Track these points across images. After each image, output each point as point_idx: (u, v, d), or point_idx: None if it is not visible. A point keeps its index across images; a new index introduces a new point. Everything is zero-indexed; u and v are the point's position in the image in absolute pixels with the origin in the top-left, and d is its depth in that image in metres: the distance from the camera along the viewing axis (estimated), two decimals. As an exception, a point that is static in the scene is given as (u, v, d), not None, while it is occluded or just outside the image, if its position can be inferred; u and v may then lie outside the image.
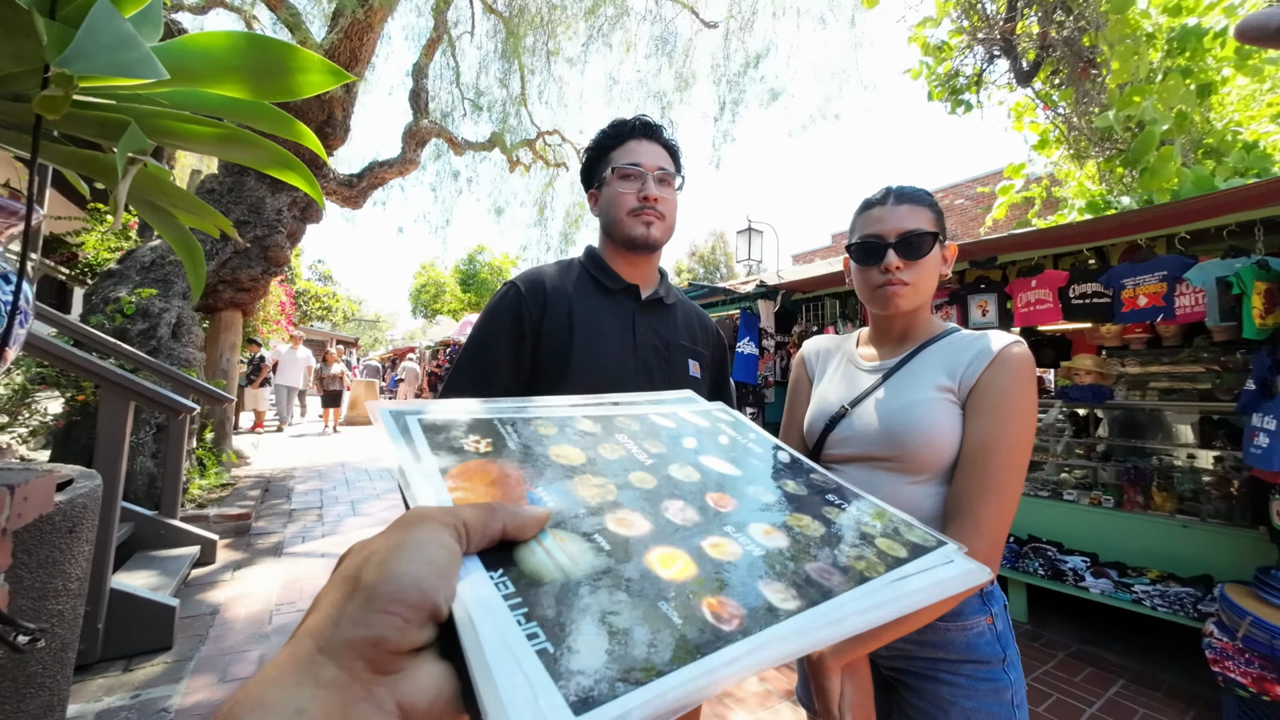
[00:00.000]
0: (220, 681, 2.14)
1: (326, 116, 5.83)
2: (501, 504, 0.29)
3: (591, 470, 0.38)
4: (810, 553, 0.35)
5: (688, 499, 0.38)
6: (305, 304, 13.52)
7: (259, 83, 0.90)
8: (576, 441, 0.42)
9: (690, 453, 0.45)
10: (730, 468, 0.45)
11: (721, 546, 0.34)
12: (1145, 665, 2.60)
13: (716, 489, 0.40)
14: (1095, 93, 3.61)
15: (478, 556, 0.27)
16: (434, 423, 0.39)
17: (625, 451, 0.42)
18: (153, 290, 4.14)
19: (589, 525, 0.33)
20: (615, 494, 0.36)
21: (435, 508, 0.27)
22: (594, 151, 1.07)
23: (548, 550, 0.29)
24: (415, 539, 0.24)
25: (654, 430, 0.47)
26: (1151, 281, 2.69)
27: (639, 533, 0.33)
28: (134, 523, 3.02)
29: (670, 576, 0.30)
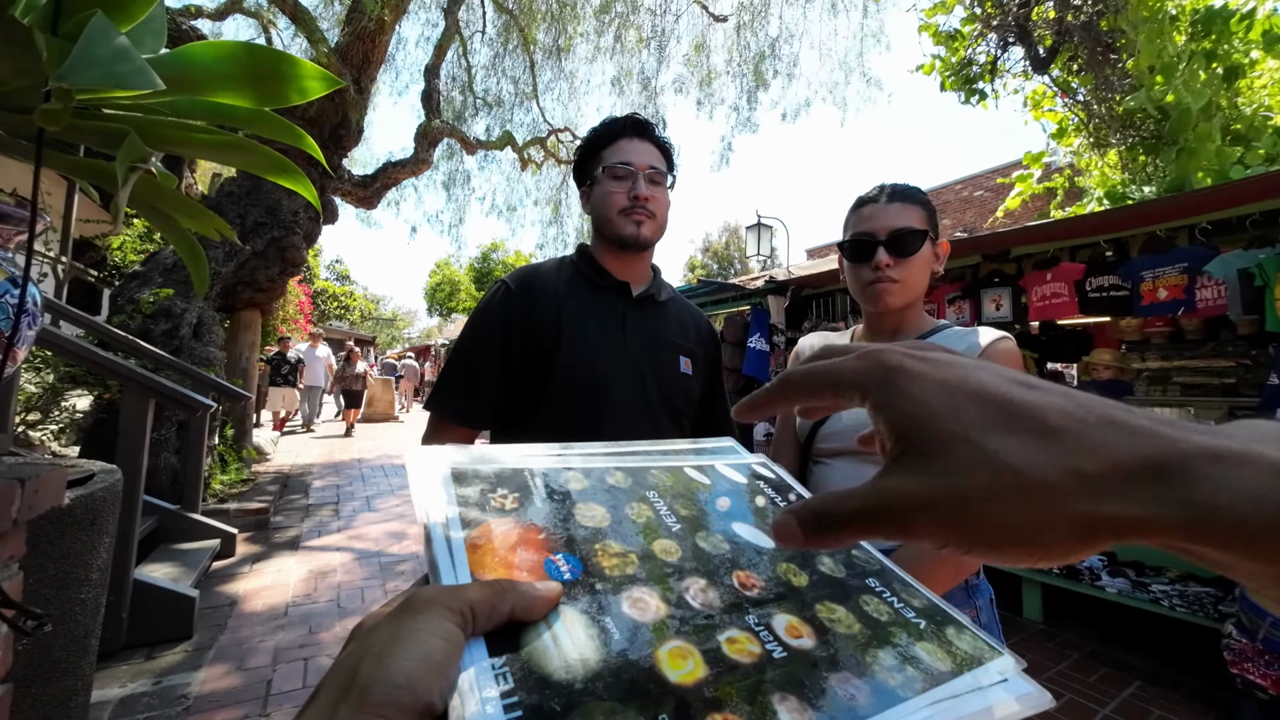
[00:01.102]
0: (237, 670, 2.22)
1: (341, 119, 5.93)
2: (512, 583, 0.28)
3: (615, 535, 0.36)
4: (838, 660, 0.31)
5: (712, 576, 0.35)
6: (323, 303, 13.79)
7: (256, 90, 0.93)
8: (604, 499, 0.39)
9: (722, 517, 0.42)
10: (763, 538, 0.40)
11: (740, 644, 0.30)
12: (1163, 666, 2.54)
13: (746, 565, 0.37)
14: (1116, 78, 3.50)
15: (484, 640, 0.26)
16: (463, 473, 0.38)
17: (653, 513, 0.39)
18: (171, 291, 4.25)
19: (602, 606, 0.30)
20: (635, 565, 0.34)
21: (442, 589, 0.27)
22: (585, 149, 1.07)
23: (555, 636, 0.28)
24: (414, 630, 0.24)
25: (687, 488, 0.44)
26: (1172, 274, 2.62)
27: (652, 617, 0.30)
28: (157, 516, 3.13)
29: (678, 680, 0.27)
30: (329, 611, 2.80)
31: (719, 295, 5.30)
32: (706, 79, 9.16)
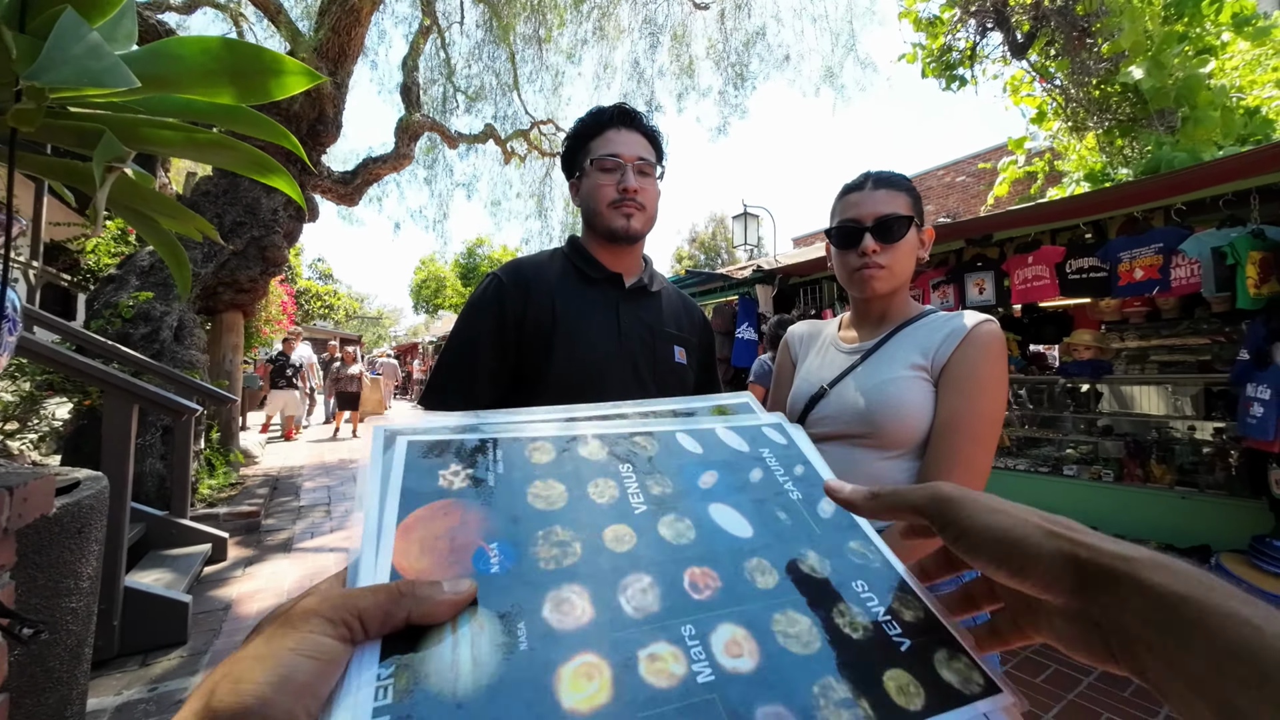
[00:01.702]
0: (235, 673, 2.20)
1: (318, 115, 5.81)
2: (411, 585, 0.26)
3: (568, 519, 0.32)
4: (775, 689, 0.26)
5: (659, 574, 0.30)
6: (307, 303, 13.58)
7: (235, 86, 0.91)
8: (568, 474, 0.35)
9: (701, 496, 0.36)
10: (742, 524, 0.35)
11: (662, 662, 0.26)
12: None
13: (704, 560, 0.31)
14: (1092, 62, 3.55)
15: (382, 644, 0.24)
16: (422, 444, 0.35)
17: (618, 492, 0.34)
18: (150, 294, 4.17)
19: (522, 607, 0.27)
20: (577, 557, 0.30)
21: (324, 599, 0.25)
22: (573, 141, 1.07)
23: (456, 643, 0.25)
24: (278, 649, 0.22)
25: (671, 457, 0.39)
26: (1148, 254, 2.67)
27: (572, 624, 0.26)
28: (145, 523, 3.08)
29: (572, 705, 0.24)
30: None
31: (707, 285, 5.31)
32: (688, 68, 9.10)
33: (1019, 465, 3.48)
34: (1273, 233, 2.19)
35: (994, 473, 3.51)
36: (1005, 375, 0.86)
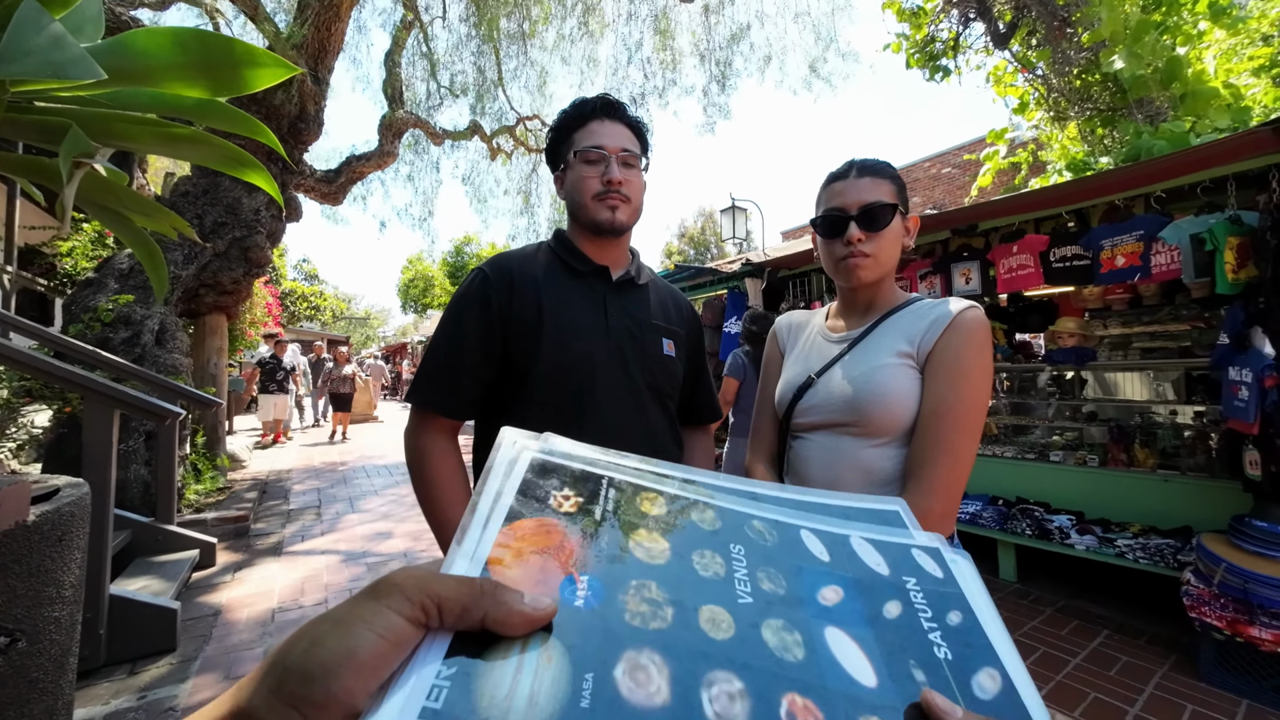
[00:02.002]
0: (225, 679, 2.18)
1: (299, 112, 5.71)
2: (494, 585, 0.25)
3: (662, 579, 0.29)
4: None
5: (753, 684, 0.25)
6: (292, 304, 13.40)
7: (208, 79, 0.89)
8: (675, 534, 0.32)
9: (818, 612, 0.30)
10: (864, 666, 0.28)
11: None
12: (1129, 616, 2.68)
13: (810, 691, 0.26)
14: (1072, 52, 3.59)
15: (451, 640, 0.23)
16: (544, 464, 0.34)
17: (724, 571, 0.31)
18: (130, 297, 4.08)
19: (595, 656, 0.24)
20: (665, 624, 0.27)
21: (410, 574, 0.24)
22: (556, 132, 1.05)
23: (519, 667, 0.23)
24: (355, 619, 0.22)
25: (789, 554, 0.33)
26: (1129, 241, 2.70)
27: (643, 700, 0.23)
28: (131, 530, 3.04)
29: None
30: (317, 614, 2.77)
31: (696, 280, 5.31)
32: (673, 62, 9.07)
33: (1006, 453, 3.53)
34: (1249, 218, 2.22)
35: (983, 460, 3.56)
36: (990, 362, 0.87)
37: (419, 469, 0.93)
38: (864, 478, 0.90)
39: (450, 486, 0.92)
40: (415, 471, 0.93)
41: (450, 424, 0.96)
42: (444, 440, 0.94)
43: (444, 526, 0.91)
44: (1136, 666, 2.25)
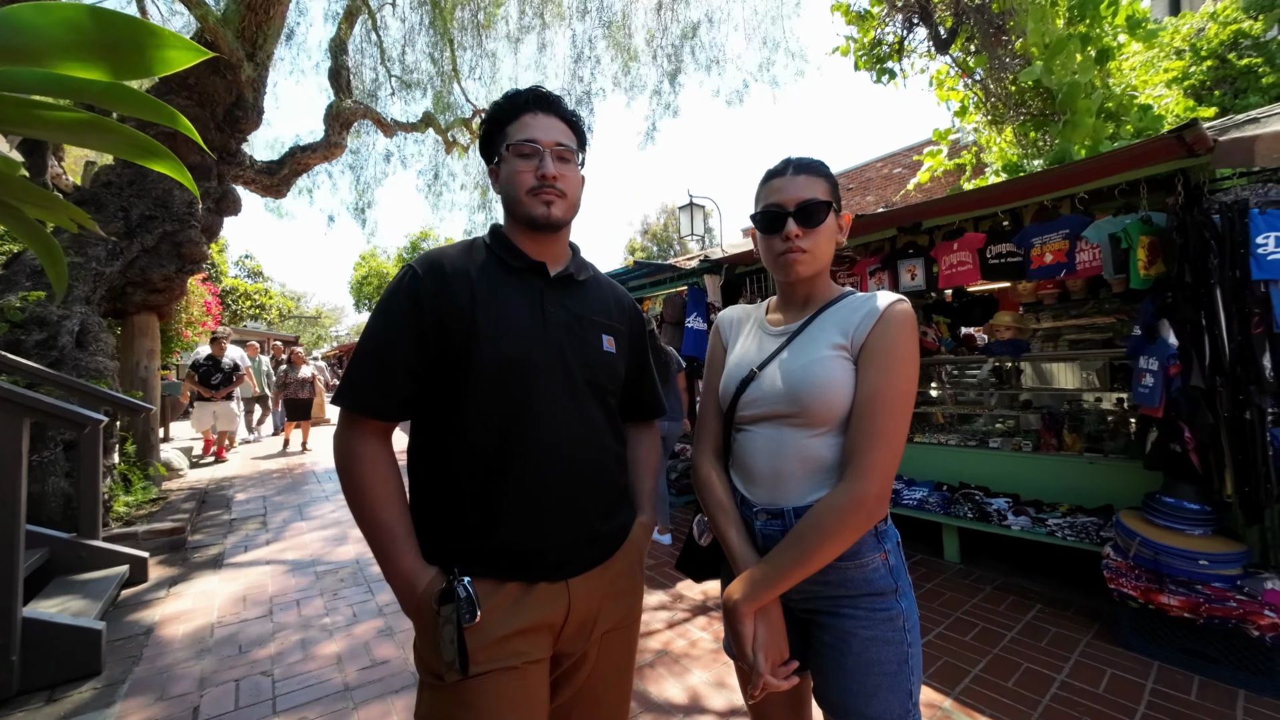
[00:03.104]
0: (157, 701, 2.05)
1: (235, 99, 5.40)
2: None
3: None
4: None
5: None
6: (234, 303, 12.67)
7: (108, 61, 0.83)
8: None
9: None
10: None
11: None
12: (1059, 590, 2.87)
13: None
14: (1006, 59, 3.79)
15: None
16: None
17: None
18: (42, 294, 3.77)
19: None
20: None
21: None
22: (489, 124, 1.03)
23: None
24: None
25: None
26: (1056, 239, 2.88)
27: None
28: (49, 547, 2.81)
29: None
30: (261, 627, 2.64)
31: (657, 276, 5.33)
32: (631, 57, 9.04)
33: (950, 440, 3.70)
34: (1159, 219, 2.40)
35: (929, 448, 3.73)
36: (917, 351, 0.92)
37: (349, 473, 0.89)
38: (806, 466, 0.93)
39: (382, 491, 0.89)
40: (345, 476, 0.90)
41: (382, 426, 0.93)
42: (375, 443, 0.91)
43: (377, 532, 0.88)
44: (1064, 636, 2.41)
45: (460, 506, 0.90)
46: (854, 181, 12.21)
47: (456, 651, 0.82)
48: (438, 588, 0.85)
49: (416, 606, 0.86)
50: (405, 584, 0.86)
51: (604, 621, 0.98)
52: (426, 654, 0.87)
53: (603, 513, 0.98)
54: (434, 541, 0.91)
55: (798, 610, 0.99)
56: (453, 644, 0.82)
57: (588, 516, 0.95)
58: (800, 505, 0.92)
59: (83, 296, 4.15)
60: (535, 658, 0.89)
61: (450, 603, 0.83)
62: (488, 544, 0.89)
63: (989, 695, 2.01)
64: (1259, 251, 2.07)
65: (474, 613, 0.83)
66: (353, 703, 2.00)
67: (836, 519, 0.85)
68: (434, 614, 0.84)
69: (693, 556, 1.14)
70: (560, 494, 0.92)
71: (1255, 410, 2.06)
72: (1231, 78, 5.38)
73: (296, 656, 2.36)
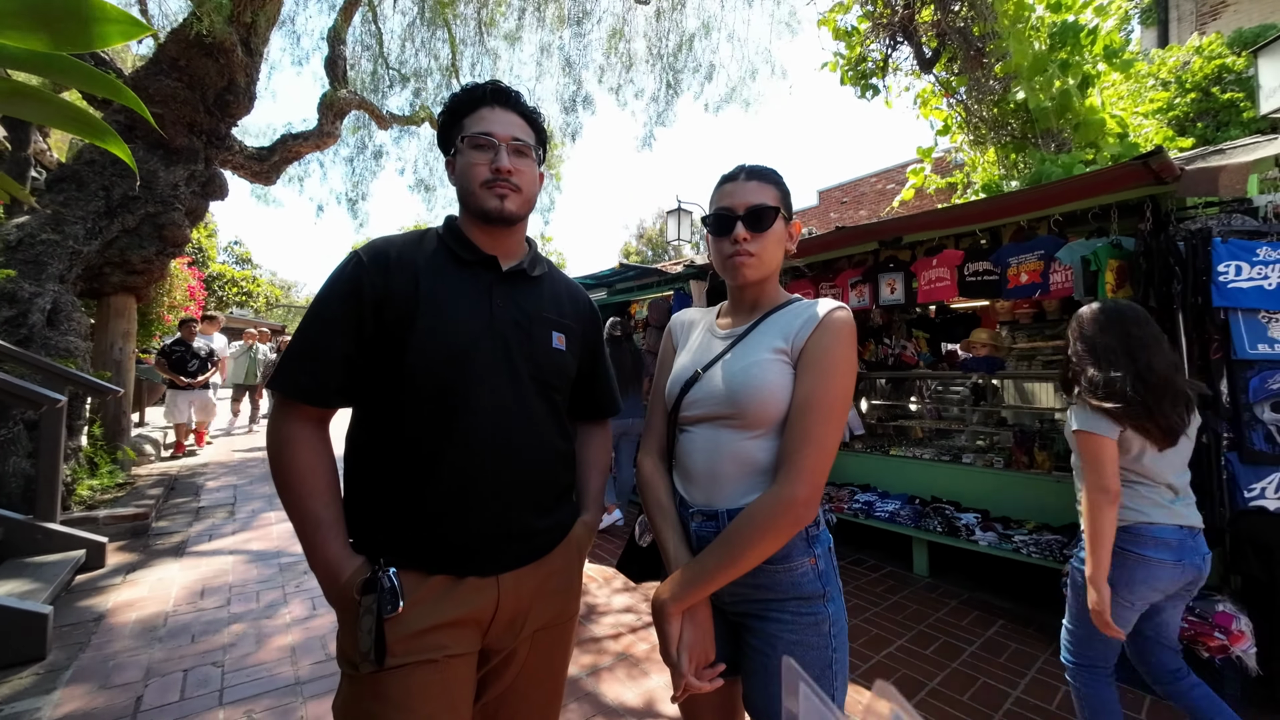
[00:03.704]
0: (100, 689, 2.01)
1: (227, 83, 5.34)
2: None
3: None
4: None
5: None
6: (221, 289, 12.52)
7: (47, 31, 0.82)
8: None
9: None
10: None
11: None
12: (1022, 606, 2.89)
13: None
14: (986, 80, 3.86)
15: None
16: None
17: None
18: (13, 271, 3.70)
19: None
20: None
21: None
22: (447, 116, 1.03)
23: None
24: None
25: None
26: (1031, 260, 2.92)
27: None
28: (2, 527, 2.75)
29: None
30: (216, 618, 2.60)
31: (642, 280, 5.34)
32: (628, 62, 9.09)
33: (925, 454, 3.72)
34: (1128, 243, 2.45)
35: (904, 462, 3.75)
36: (854, 358, 0.93)
37: (278, 459, 0.88)
38: (741, 468, 0.93)
39: (310, 477, 0.87)
40: (274, 461, 0.89)
41: (316, 412, 0.91)
42: (308, 428, 0.90)
43: (303, 518, 0.87)
44: (1023, 653, 2.43)
45: (389, 496, 0.90)
46: (848, 195, 12.34)
47: (373, 642, 0.81)
48: (361, 577, 0.84)
49: (339, 595, 0.85)
50: (328, 572, 0.85)
51: (535, 619, 0.97)
52: (345, 643, 0.86)
53: (538, 509, 0.97)
54: (363, 531, 0.90)
55: (730, 613, 0.99)
56: (370, 634, 0.81)
57: (521, 512, 0.95)
58: (734, 507, 0.92)
59: (57, 275, 4.09)
60: (458, 651, 0.88)
61: (372, 593, 0.82)
62: (414, 535, 0.88)
63: (943, 709, 2.01)
64: (1220, 279, 2.11)
65: (396, 604, 0.83)
66: (302, 697, 1.97)
67: (764, 521, 0.85)
68: (355, 603, 0.83)
69: (633, 557, 1.14)
70: (492, 488, 0.91)
71: (1211, 434, 2.10)
72: (1214, 110, 5.50)
73: (249, 648, 2.32)
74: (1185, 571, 1.50)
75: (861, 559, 3.60)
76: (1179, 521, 1.50)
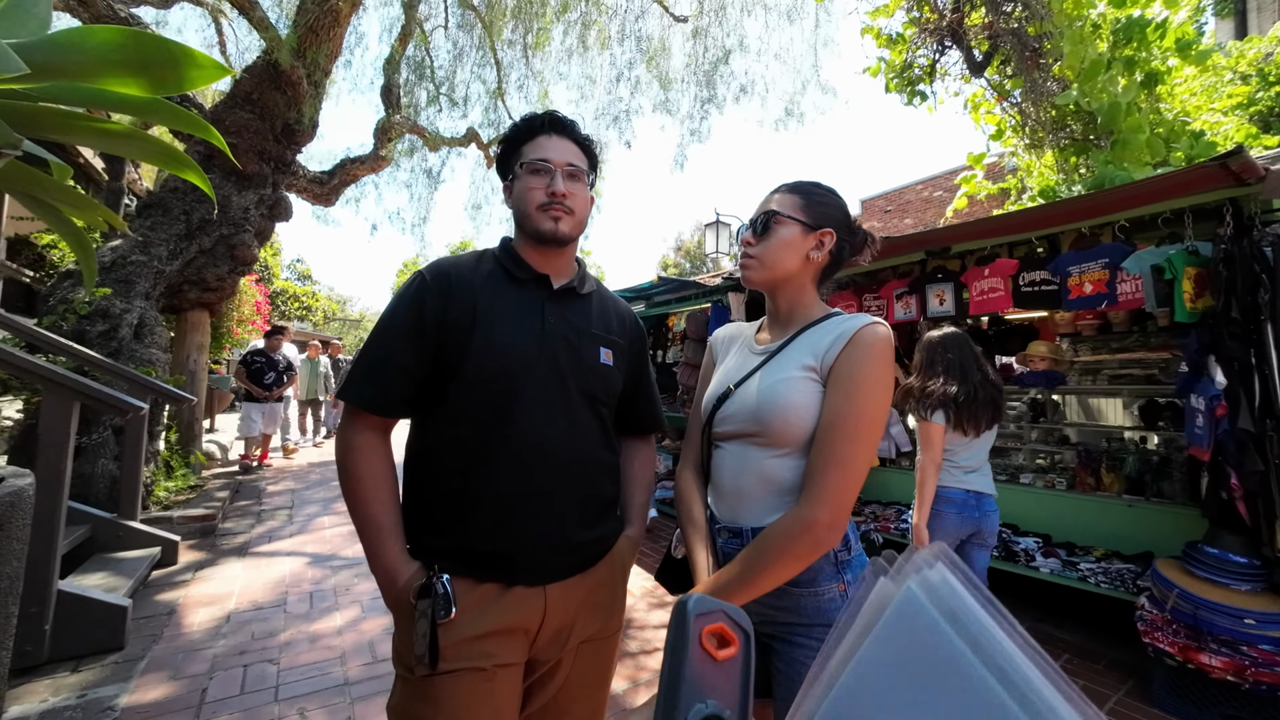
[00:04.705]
0: (170, 679, 2.14)
1: (294, 114, 5.75)
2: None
3: None
4: None
5: None
6: (284, 304, 13.35)
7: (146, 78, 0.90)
8: None
9: None
10: None
11: None
12: (1089, 640, 2.68)
13: None
14: (1043, 82, 3.68)
15: None
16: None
17: None
18: (108, 290, 4.07)
19: None
20: None
21: None
22: (506, 145, 1.08)
23: None
24: None
25: None
26: (1095, 269, 2.75)
27: None
28: (90, 524, 3.00)
29: None
30: (275, 616, 2.73)
31: (680, 293, 5.34)
32: (665, 81, 9.21)
33: (978, 473, 3.54)
34: (1205, 249, 2.27)
35: (954, 481, 3.57)
36: (890, 376, 0.89)
37: (344, 464, 0.93)
38: (766, 487, 0.92)
39: (373, 484, 0.92)
40: (341, 467, 0.94)
41: (380, 421, 0.97)
42: (372, 437, 0.95)
43: (363, 521, 0.91)
44: (1093, 691, 2.24)
45: (442, 503, 0.93)
46: (892, 204, 12.01)
47: (427, 646, 0.84)
48: (417, 582, 0.87)
49: (396, 599, 0.89)
50: (387, 576, 0.89)
51: (580, 631, 0.98)
52: (401, 647, 0.90)
53: (584, 521, 0.99)
54: (418, 536, 0.94)
55: (760, 633, 0.96)
56: (424, 638, 0.84)
57: (568, 524, 0.96)
58: (758, 525, 0.90)
59: (143, 292, 4.46)
60: (506, 661, 0.90)
61: (427, 598, 0.85)
62: (462, 543, 0.91)
63: (1001, 748, 1.88)
64: (1315, 287, 1.93)
65: (449, 609, 0.85)
66: (350, 698, 2.04)
67: (782, 542, 0.83)
68: (411, 608, 0.86)
69: (668, 567, 1.13)
70: (537, 499, 0.94)
71: (1306, 454, 1.90)
72: (1303, 105, 5.06)
73: (303, 648, 2.43)
74: (965, 523, 2.11)
75: (910, 582, 3.44)
76: (966, 487, 2.13)
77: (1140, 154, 3.40)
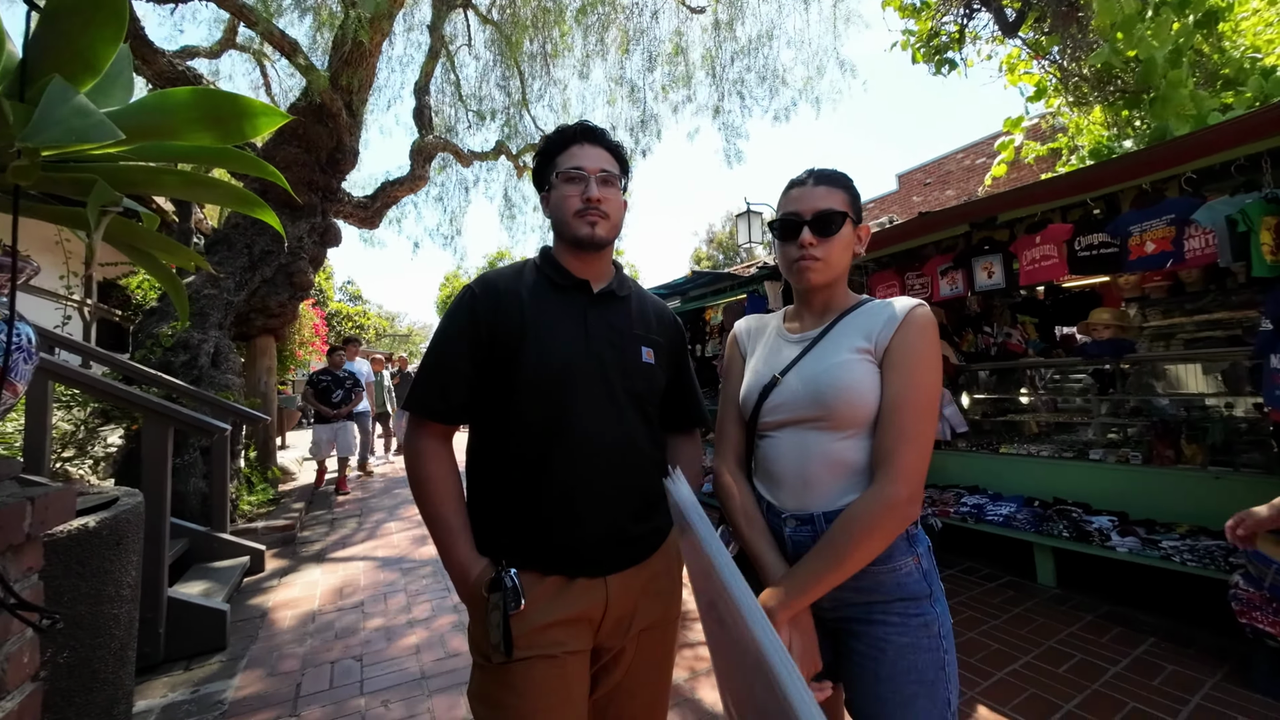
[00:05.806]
0: (268, 675, 2.34)
1: (336, 144, 6.08)
2: None
3: None
4: None
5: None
6: (339, 324, 14.13)
7: (217, 130, 1.01)
8: None
9: None
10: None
11: None
12: (1177, 623, 2.52)
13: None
14: (1081, 36, 3.42)
15: None
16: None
17: None
18: (187, 324, 4.44)
19: None
20: None
21: None
22: (541, 157, 1.13)
23: None
24: None
25: None
26: (1159, 226, 2.58)
27: None
28: (188, 538, 3.29)
29: None
30: (354, 617, 2.93)
31: (716, 285, 5.32)
32: (686, 78, 9.14)
33: (1043, 451, 3.38)
34: (1287, 196, 2.09)
35: (1018, 460, 3.43)
36: (940, 353, 0.92)
37: (413, 469, 1.01)
38: (833, 470, 0.93)
39: (441, 487, 1.00)
40: (411, 473, 1.02)
41: (443, 428, 1.04)
42: (436, 442, 1.02)
43: (435, 522, 0.99)
44: (1183, 676, 2.12)
45: (506, 503, 1.00)
46: (932, 176, 11.50)
47: (502, 635, 0.90)
48: (488, 577, 0.94)
49: (469, 593, 0.96)
50: (460, 572, 0.96)
51: (641, 619, 1.02)
52: (478, 637, 0.96)
53: (636, 515, 1.03)
54: (485, 534, 1.00)
55: (828, 619, 0.97)
56: (498, 628, 0.90)
57: (621, 518, 1.01)
58: (830, 510, 0.91)
59: (216, 323, 4.84)
60: (574, 649, 0.95)
61: (498, 591, 0.92)
62: (529, 539, 0.97)
63: (1083, 734, 1.81)
64: None
65: (519, 601, 0.91)
66: (427, 690, 2.17)
67: (870, 521, 0.84)
68: (484, 600, 0.93)
69: None
70: (596, 495, 0.98)
71: None
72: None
73: (381, 644, 2.60)
74: None
75: (973, 567, 3.32)
76: None
77: (1184, 106, 3.13)
